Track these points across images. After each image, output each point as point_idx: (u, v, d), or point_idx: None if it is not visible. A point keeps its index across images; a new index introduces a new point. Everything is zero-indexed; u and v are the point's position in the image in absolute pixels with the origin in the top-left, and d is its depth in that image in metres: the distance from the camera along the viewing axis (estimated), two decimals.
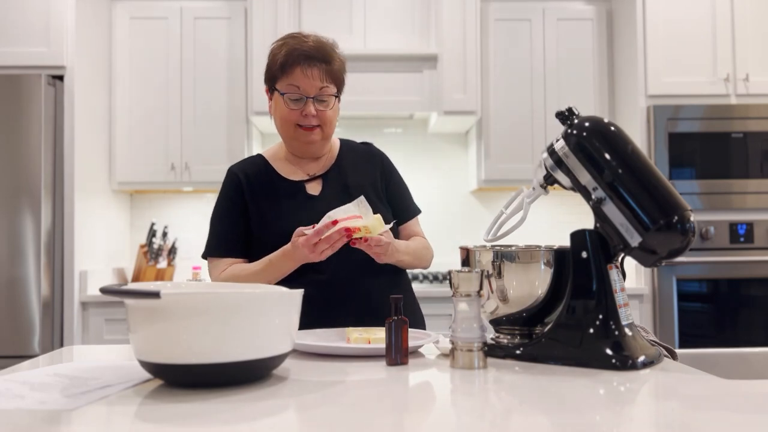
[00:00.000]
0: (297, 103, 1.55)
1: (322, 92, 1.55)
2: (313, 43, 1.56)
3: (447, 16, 3.41)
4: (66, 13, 3.03)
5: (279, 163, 1.65)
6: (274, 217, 1.56)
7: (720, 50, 3.25)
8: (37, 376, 0.99)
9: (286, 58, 1.53)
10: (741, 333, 3.13)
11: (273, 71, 1.57)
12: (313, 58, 1.54)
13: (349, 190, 1.59)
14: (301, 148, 1.61)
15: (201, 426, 0.74)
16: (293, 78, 1.53)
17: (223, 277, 1.56)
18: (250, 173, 1.62)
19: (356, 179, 1.62)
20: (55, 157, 3.01)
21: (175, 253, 3.60)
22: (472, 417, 0.77)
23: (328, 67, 1.56)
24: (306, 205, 1.56)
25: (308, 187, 1.61)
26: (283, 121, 1.58)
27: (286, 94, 1.55)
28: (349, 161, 1.66)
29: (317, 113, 1.55)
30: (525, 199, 1.26)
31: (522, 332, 1.20)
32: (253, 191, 1.59)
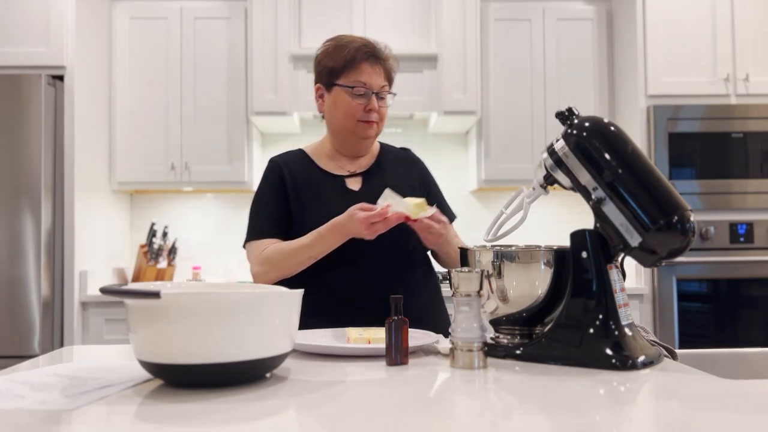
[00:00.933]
0: (362, 98, 1.59)
1: (383, 90, 1.62)
2: (372, 43, 1.62)
3: (447, 16, 3.41)
4: (66, 13, 3.03)
5: (320, 158, 1.69)
6: (315, 206, 1.59)
7: (720, 50, 3.25)
8: (37, 376, 0.99)
9: (354, 54, 1.58)
10: (741, 333, 3.13)
11: (336, 67, 1.60)
12: (377, 57, 1.61)
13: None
14: (356, 144, 1.65)
15: (201, 426, 0.74)
16: (360, 74, 1.58)
17: (265, 254, 1.55)
18: (292, 163, 1.66)
19: (395, 180, 1.65)
20: (55, 157, 3.01)
21: (175, 253, 3.60)
22: (472, 417, 0.77)
23: (388, 66, 1.63)
24: (346, 199, 1.59)
25: (348, 182, 1.65)
26: (346, 115, 1.61)
27: (355, 88, 1.59)
28: (388, 163, 1.71)
29: (378, 109, 1.61)
30: (525, 199, 1.26)
31: (522, 332, 1.20)
32: (295, 180, 1.63)
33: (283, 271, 1.54)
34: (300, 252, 1.51)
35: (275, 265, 1.53)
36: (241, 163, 3.44)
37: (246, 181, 3.46)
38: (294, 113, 3.39)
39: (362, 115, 1.60)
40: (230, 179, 3.45)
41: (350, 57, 1.58)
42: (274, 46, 3.37)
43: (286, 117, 3.38)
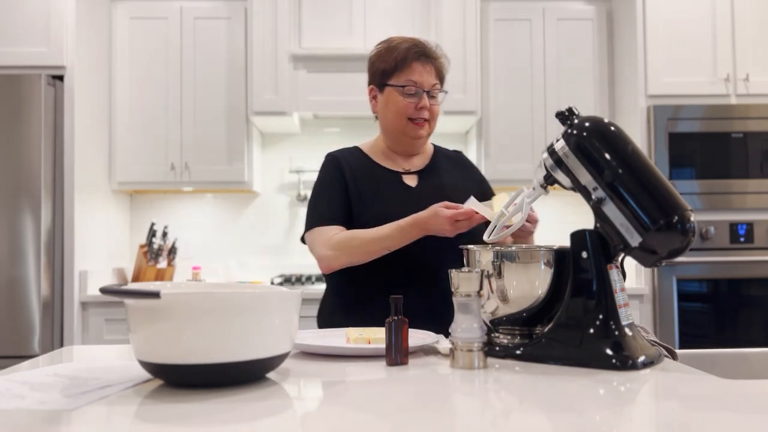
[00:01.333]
0: (413, 97, 1.62)
1: (434, 88, 1.64)
2: (423, 43, 1.65)
3: (447, 16, 3.41)
4: (66, 13, 3.03)
5: (375, 155, 1.72)
6: (374, 198, 1.62)
7: (720, 50, 3.25)
8: (37, 376, 0.99)
9: (405, 54, 1.62)
10: (741, 333, 3.13)
11: (386, 68, 1.64)
12: (427, 56, 1.63)
13: (444, 189, 1.65)
14: (407, 143, 1.68)
15: (201, 426, 0.74)
16: (410, 73, 1.61)
17: (337, 239, 1.55)
18: (349, 159, 1.70)
19: (451, 180, 1.69)
20: (55, 157, 3.01)
21: (175, 253, 3.60)
22: (472, 417, 0.77)
23: (438, 65, 1.65)
24: (403, 194, 1.64)
25: (405, 179, 1.68)
26: (397, 114, 1.64)
27: (406, 87, 1.62)
28: (443, 163, 1.74)
29: (429, 108, 1.63)
30: (525, 199, 1.26)
31: (522, 332, 1.20)
32: (354, 174, 1.66)
33: (353, 258, 1.55)
34: (375, 242, 1.52)
35: (347, 251, 1.54)
36: (241, 163, 3.44)
37: (246, 181, 3.46)
38: (294, 113, 3.39)
39: (413, 113, 1.63)
40: (230, 179, 3.45)
41: (401, 57, 1.62)
42: (274, 46, 3.37)
43: (286, 117, 3.38)
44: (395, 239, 1.51)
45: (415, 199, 1.60)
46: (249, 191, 3.67)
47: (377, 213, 1.58)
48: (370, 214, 1.59)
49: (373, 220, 1.56)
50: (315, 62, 3.37)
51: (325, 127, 3.83)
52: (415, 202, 1.58)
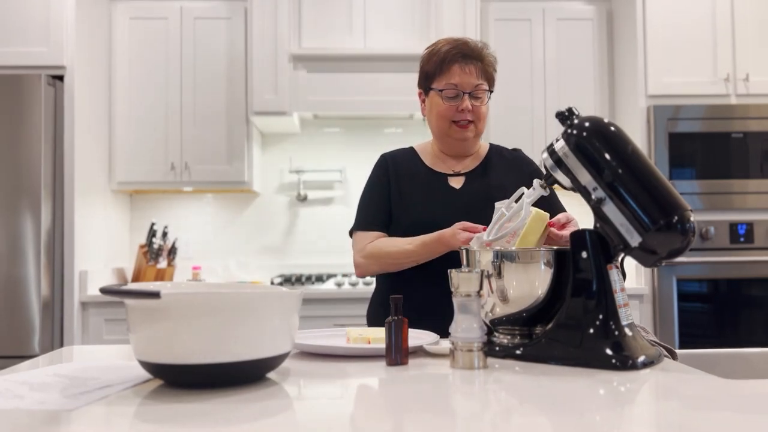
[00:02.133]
0: (454, 100, 1.62)
1: (477, 89, 1.62)
2: (466, 43, 1.64)
3: (447, 16, 3.41)
4: (66, 13, 3.03)
5: (427, 156, 1.73)
6: (413, 200, 1.64)
7: (720, 50, 3.25)
8: (37, 376, 0.99)
9: (444, 56, 1.62)
10: (741, 333, 3.12)
11: (429, 72, 1.66)
12: (468, 57, 1.62)
13: (490, 191, 1.63)
14: (454, 146, 1.68)
15: (201, 426, 0.74)
16: (451, 75, 1.61)
17: (369, 249, 1.62)
18: (399, 160, 1.72)
19: (500, 180, 1.66)
20: (55, 157, 3.01)
21: (175, 253, 3.60)
22: (472, 417, 0.77)
23: (482, 65, 1.64)
24: (445, 197, 1.64)
25: (451, 181, 1.68)
26: (440, 118, 1.65)
27: (444, 90, 1.62)
28: (495, 163, 1.72)
29: (472, 109, 1.62)
30: (525, 199, 1.26)
31: (522, 332, 1.20)
32: (398, 174, 1.68)
33: (383, 268, 1.63)
34: (403, 255, 1.57)
35: (377, 261, 1.61)
36: (241, 163, 3.44)
37: (246, 181, 3.46)
38: (294, 113, 3.39)
39: (455, 116, 1.62)
40: (230, 179, 3.45)
41: (440, 60, 1.63)
42: (274, 46, 3.37)
43: (286, 117, 3.38)
44: (421, 254, 1.55)
45: (458, 201, 1.62)
46: (249, 191, 3.67)
47: (418, 215, 1.60)
48: (411, 216, 1.62)
49: (413, 223, 1.59)
50: (315, 62, 3.37)
51: (325, 127, 3.83)
52: (458, 204, 1.60)
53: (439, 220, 1.55)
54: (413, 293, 1.50)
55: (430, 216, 1.58)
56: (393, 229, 1.65)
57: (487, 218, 1.50)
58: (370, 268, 1.63)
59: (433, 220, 1.56)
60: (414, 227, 1.58)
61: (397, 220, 1.64)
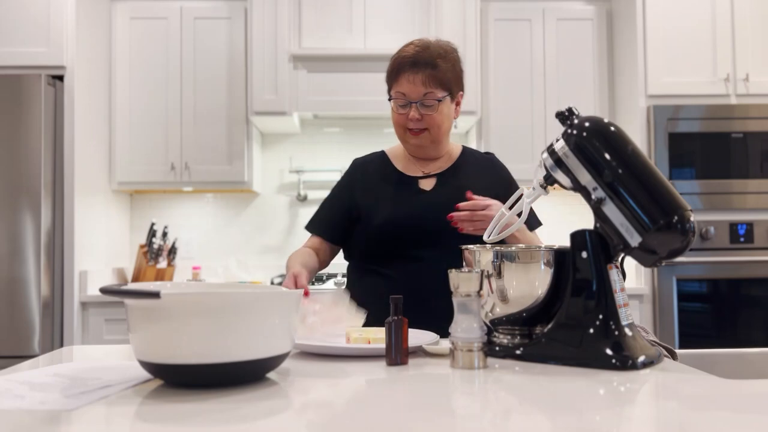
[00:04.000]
0: (404, 108, 1.62)
1: (427, 97, 1.60)
2: (420, 49, 1.61)
3: (447, 16, 3.41)
4: (66, 13, 3.03)
5: (398, 160, 1.74)
6: (385, 203, 1.65)
7: (720, 50, 3.25)
8: (37, 376, 0.99)
9: (393, 66, 1.63)
10: (741, 333, 3.13)
11: (387, 78, 1.67)
12: (418, 65, 1.59)
13: (461, 192, 1.62)
14: (412, 150, 1.70)
15: (201, 426, 0.74)
16: (399, 84, 1.61)
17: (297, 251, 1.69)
18: (369, 164, 1.74)
19: (471, 182, 1.66)
20: (55, 157, 3.01)
21: (175, 253, 3.60)
22: (472, 417, 0.77)
23: (434, 72, 1.59)
24: (415, 198, 1.65)
25: (421, 183, 1.69)
26: (395, 125, 1.67)
27: (394, 99, 1.63)
28: (467, 165, 1.73)
29: (422, 117, 1.60)
30: (525, 199, 1.26)
31: (522, 332, 1.20)
32: (368, 179, 1.70)
33: None
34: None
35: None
36: (241, 163, 3.44)
37: (246, 181, 3.46)
38: (294, 113, 3.39)
39: (407, 124, 1.63)
40: (230, 179, 3.45)
41: (392, 68, 1.63)
42: (274, 46, 3.37)
43: (286, 117, 3.38)
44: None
45: (428, 202, 1.63)
46: (249, 191, 3.67)
47: (389, 218, 1.61)
48: (380, 218, 1.62)
49: (382, 225, 1.60)
50: (315, 62, 3.37)
51: (325, 127, 3.83)
52: (428, 205, 1.61)
53: (409, 221, 1.58)
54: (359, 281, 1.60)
55: (400, 217, 1.60)
56: (366, 233, 1.65)
57: None
58: None
59: (403, 221, 1.59)
60: (384, 228, 1.60)
61: (367, 224, 1.64)
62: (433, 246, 1.56)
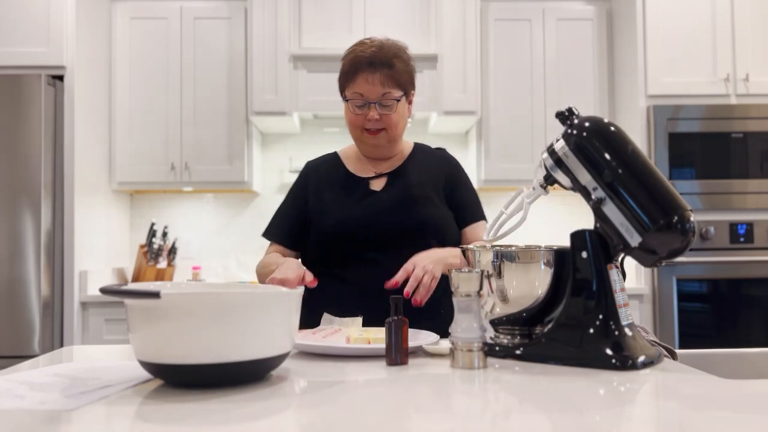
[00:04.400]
0: (361, 109, 1.61)
1: (385, 97, 1.59)
2: (376, 49, 1.59)
3: (447, 16, 3.41)
4: (66, 13, 3.03)
5: (350, 161, 1.73)
6: (332, 206, 1.63)
7: (720, 50, 3.25)
8: (37, 376, 0.99)
9: (349, 67, 1.60)
10: (741, 333, 3.13)
11: (341, 80, 1.64)
12: (375, 64, 1.58)
13: (410, 189, 1.63)
14: (369, 150, 1.68)
15: (201, 426, 0.74)
16: (356, 85, 1.59)
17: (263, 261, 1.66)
18: (321, 167, 1.73)
19: (419, 178, 1.66)
20: (55, 157, 3.01)
21: (175, 253, 3.60)
22: (472, 417, 0.77)
23: (391, 71, 1.59)
24: (365, 199, 1.63)
25: (372, 183, 1.67)
26: (351, 126, 1.65)
27: (351, 100, 1.61)
28: (418, 162, 1.71)
29: (381, 117, 1.60)
30: (525, 199, 1.26)
31: (522, 332, 1.20)
32: (319, 183, 1.69)
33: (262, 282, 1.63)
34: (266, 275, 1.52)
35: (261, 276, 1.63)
36: (241, 163, 3.44)
37: (246, 181, 3.46)
38: (294, 113, 3.39)
39: (364, 124, 1.61)
40: (230, 179, 3.45)
41: (346, 69, 1.61)
42: (274, 46, 3.37)
43: (286, 117, 3.38)
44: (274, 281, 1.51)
45: (376, 203, 1.61)
46: (249, 191, 3.67)
47: (339, 220, 1.60)
48: (332, 221, 1.61)
49: (334, 227, 1.59)
50: (315, 62, 3.37)
51: (325, 127, 3.83)
52: (375, 206, 1.60)
53: (358, 222, 1.57)
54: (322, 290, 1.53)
55: (349, 219, 1.58)
56: (316, 237, 1.63)
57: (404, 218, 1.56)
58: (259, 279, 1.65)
59: (353, 223, 1.57)
60: (334, 231, 1.58)
61: (317, 228, 1.63)
62: (384, 246, 1.54)
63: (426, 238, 1.56)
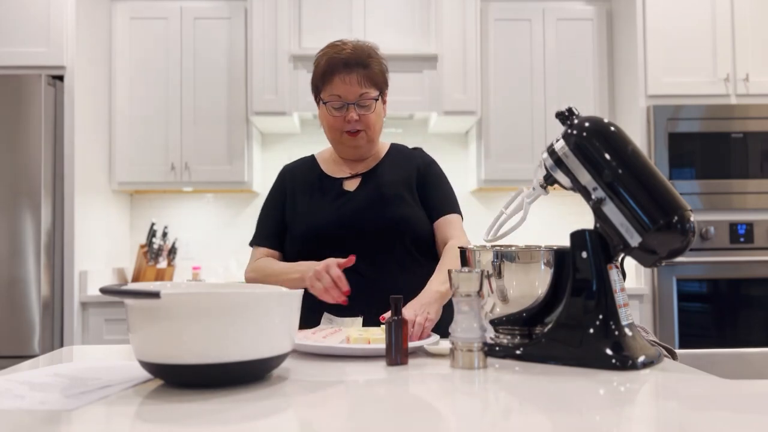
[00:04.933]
0: (340, 111, 1.60)
1: (363, 98, 1.59)
2: (350, 50, 1.60)
3: (447, 16, 3.41)
4: (66, 13, 3.03)
5: (325, 163, 1.73)
6: (305, 209, 1.63)
7: (720, 50, 3.25)
8: (37, 376, 0.99)
9: (325, 68, 1.60)
10: (741, 333, 3.13)
11: (316, 82, 1.65)
12: (350, 65, 1.58)
13: (382, 189, 1.63)
14: (348, 152, 1.67)
15: (201, 426, 0.74)
16: (333, 87, 1.59)
17: (256, 265, 1.63)
18: (297, 170, 1.73)
19: (392, 178, 1.66)
20: (55, 157, 3.01)
21: (175, 253, 3.60)
22: (472, 417, 0.77)
23: (366, 71, 1.60)
24: (338, 200, 1.63)
25: (346, 184, 1.67)
26: (330, 129, 1.64)
27: (329, 102, 1.60)
28: (391, 162, 1.71)
29: (360, 118, 1.60)
30: (525, 199, 1.26)
31: (522, 332, 1.20)
32: (295, 186, 1.68)
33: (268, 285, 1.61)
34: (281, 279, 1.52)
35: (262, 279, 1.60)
36: (241, 163, 3.44)
37: (246, 181, 3.46)
38: (294, 113, 3.39)
39: (344, 126, 1.60)
40: (230, 179, 3.45)
41: (322, 71, 1.61)
42: (274, 46, 3.37)
43: (286, 117, 3.38)
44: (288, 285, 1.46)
45: (349, 203, 1.61)
46: (249, 191, 3.67)
47: (311, 223, 1.59)
48: (302, 224, 1.60)
49: (307, 230, 1.59)
50: None
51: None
52: (348, 206, 1.60)
53: (330, 224, 1.56)
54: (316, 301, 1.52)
55: (319, 222, 1.58)
56: (289, 239, 1.63)
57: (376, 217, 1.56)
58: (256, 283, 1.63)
59: (325, 225, 1.57)
60: (307, 234, 1.58)
61: (291, 231, 1.63)
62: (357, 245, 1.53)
63: (398, 236, 1.56)
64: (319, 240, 1.58)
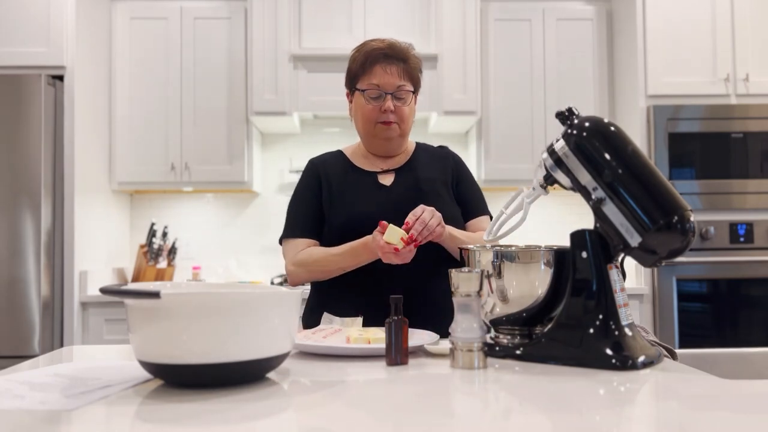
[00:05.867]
0: (377, 100, 1.62)
1: (400, 89, 1.62)
2: (390, 43, 1.64)
3: (447, 16, 3.41)
4: (66, 13, 3.03)
5: (355, 158, 1.73)
6: (344, 200, 1.64)
7: (720, 50, 3.25)
8: (37, 376, 0.99)
9: (366, 57, 1.63)
10: (741, 333, 3.13)
11: (354, 72, 1.66)
12: (391, 57, 1.62)
13: (419, 184, 1.64)
14: (380, 145, 1.68)
15: (201, 426, 0.74)
16: (373, 76, 1.61)
17: (299, 257, 1.61)
18: (328, 163, 1.72)
19: (427, 174, 1.68)
20: (55, 157, 3.01)
21: (175, 253, 3.60)
22: (472, 417, 0.77)
23: (405, 65, 1.64)
24: (376, 194, 1.64)
25: (380, 178, 1.68)
26: (364, 118, 1.65)
27: (367, 91, 1.62)
28: (422, 159, 1.73)
29: (395, 109, 1.62)
30: (525, 199, 1.26)
31: (522, 332, 1.20)
32: (328, 177, 1.68)
33: (312, 276, 1.61)
34: (331, 262, 1.55)
35: (306, 268, 1.60)
36: (241, 163, 3.44)
37: (246, 181, 3.46)
38: (294, 113, 3.39)
39: (379, 117, 1.62)
40: (230, 179, 3.45)
41: (363, 60, 1.63)
42: (274, 46, 3.37)
43: (286, 117, 3.38)
44: (347, 261, 1.54)
45: (389, 196, 1.62)
46: (249, 191, 3.67)
47: (351, 215, 1.60)
48: (343, 215, 1.61)
49: (347, 222, 1.59)
50: (315, 62, 3.37)
51: (325, 127, 3.83)
52: (389, 199, 1.61)
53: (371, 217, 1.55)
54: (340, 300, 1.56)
55: (361, 213, 1.58)
56: (327, 231, 1.63)
57: None
58: (300, 276, 1.61)
59: (366, 217, 1.56)
60: (346, 226, 1.58)
61: (329, 222, 1.62)
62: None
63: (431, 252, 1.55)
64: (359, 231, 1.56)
